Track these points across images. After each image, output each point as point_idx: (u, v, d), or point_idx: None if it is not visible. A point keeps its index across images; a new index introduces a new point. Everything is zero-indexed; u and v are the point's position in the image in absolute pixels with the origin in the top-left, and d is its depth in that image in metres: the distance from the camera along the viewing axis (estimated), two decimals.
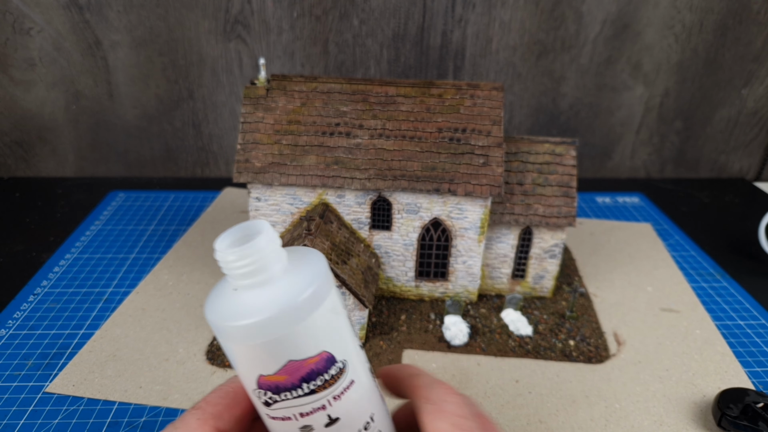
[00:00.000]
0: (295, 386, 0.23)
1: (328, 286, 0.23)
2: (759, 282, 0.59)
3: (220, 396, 0.26)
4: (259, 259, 0.22)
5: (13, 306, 0.52)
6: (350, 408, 0.25)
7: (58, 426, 0.40)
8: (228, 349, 0.23)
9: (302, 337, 0.22)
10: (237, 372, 0.24)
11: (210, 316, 0.23)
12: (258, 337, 0.22)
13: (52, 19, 0.69)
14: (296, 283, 0.23)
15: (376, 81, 0.50)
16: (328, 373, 0.23)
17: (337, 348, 0.24)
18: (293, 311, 0.22)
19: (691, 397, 0.44)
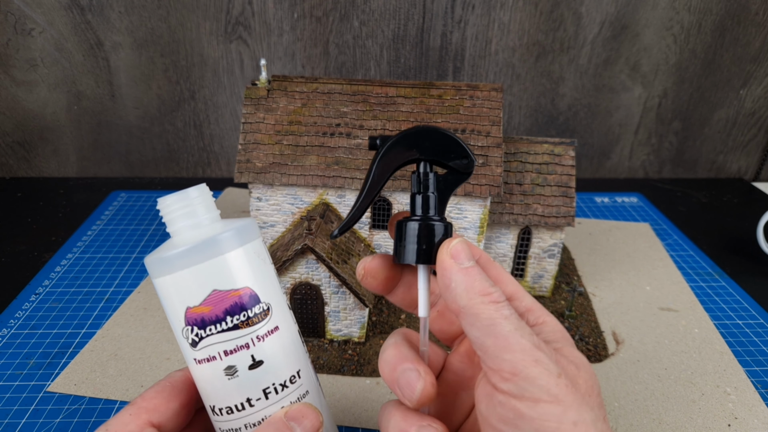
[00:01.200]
0: (220, 319, 0.25)
1: (253, 234, 0.27)
2: (757, 281, 0.59)
3: (156, 391, 0.26)
4: (190, 205, 0.26)
5: (15, 305, 0.53)
6: (274, 354, 0.26)
7: (60, 425, 0.40)
8: (161, 288, 0.25)
9: (225, 268, 0.25)
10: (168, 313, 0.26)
11: (147, 258, 0.26)
12: (185, 264, 0.24)
13: (54, 20, 0.70)
14: (222, 226, 0.26)
15: (376, 82, 0.50)
16: (252, 311, 0.25)
17: (260, 289, 0.26)
18: (215, 242, 0.25)
19: (690, 395, 0.44)
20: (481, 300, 0.23)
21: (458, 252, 0.24)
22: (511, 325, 0.22)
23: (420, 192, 0.26)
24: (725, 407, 0.43)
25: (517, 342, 0.22)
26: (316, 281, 0.47)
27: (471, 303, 0.23)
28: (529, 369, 0.21)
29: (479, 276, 0.23)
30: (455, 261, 0.24)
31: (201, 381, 0.26)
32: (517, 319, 0.22)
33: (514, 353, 0.21)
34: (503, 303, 0.23)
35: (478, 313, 0.23)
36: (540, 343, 0.22)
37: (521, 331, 0.22)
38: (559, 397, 0.21)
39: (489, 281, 0.24)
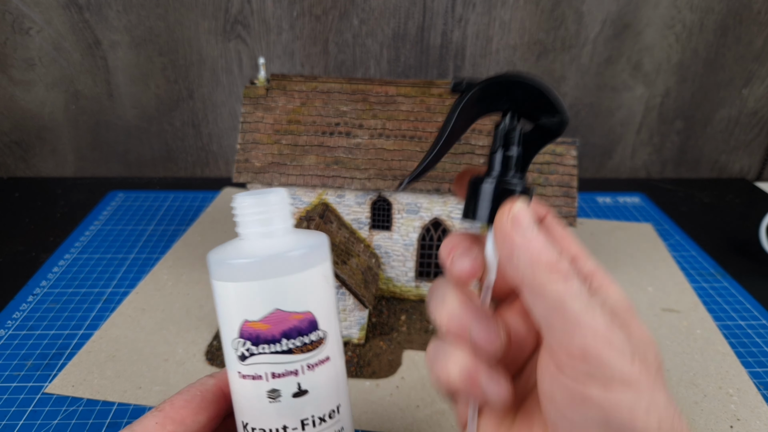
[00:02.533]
0: (275, 339, 0.24)
1: (323, 256, 0.25)
2: (760, 282, 0.59)
3: (186, 400, 0.25)
4: (267, 211, 0.25)
5: (12, 306, 0.52)
6: (321, 385, 0.25)
7: (58, 426, 0.40)
8: (220, 292, 0.24)
9: (293, 289, 0.24)
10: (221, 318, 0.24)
11: (212, 257, 0.24)
12: (252, 276, 0.23)
13: (52, 18, 0.69)
14: (295, 240, 0.25)
15: (376, 81, 0.50)
16: (309, 337, 0.24)
17: (321, 315, 0.25)
18: (287, 260, 0.24)
19: (692, 397, 0.44)
20: (547, 274, 0.20)
21: (520, 219, 0.21)
22: (581, 303, 0.20)
23: (502, 148, 0.23)
24: (728, 408, 0.43)
25: (589, 323, 0.19)
26: None
27: (536, 278, 0.20)
28: (602, 353, 0.19)
29: (544, 245, 0.21)
30: (516, 229, 0.21)
31: (240, 396, 0.25)
32: (587, 295, 0.20)
33: (585, 335, 0.19)
34: (572, 276, 0.20)
35: (544, 290, 0.20)
36: (614, 323, 0.20)
37: (593, 310, 0.20)
38: (633, 381, 0.19)
39: (555, 250, 0.21)
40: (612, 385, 0.19)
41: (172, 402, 0.25)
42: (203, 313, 0.52)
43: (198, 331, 0.50)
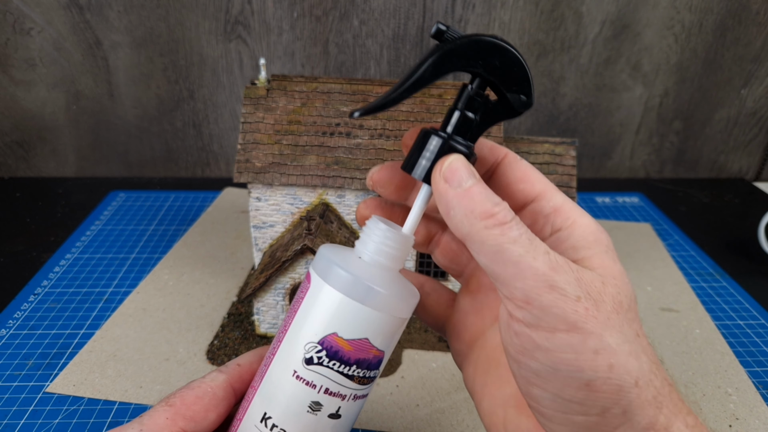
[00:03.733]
0: (349, 362, 0.24)
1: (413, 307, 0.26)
2: (758, 282, 0.59)
3: (197, 396, 0.24)
4: (404, 251, 0.25)
5: (13, 306, 0.52)
6: (351, 416, 0.26)
7: (59, 426, 0.40)
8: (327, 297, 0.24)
9: (387, 329, 0.24)
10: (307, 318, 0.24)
11: (333, 259, 0.24)
12: (368, 301, 0.23)
13: (53, 19, 0.69)
14: (402, 284, 0.25)
15: (376, 81, 0.50)
16: (370, 373, 0.25)
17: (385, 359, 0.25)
18: (399, 302, 0.24)
19: (691, 396, 0.44)
20: (483, 224, 0.20)
21: (452, 172, 0.21)
22: (520, 248, 0.20)
23: (461, 109, 0.23)
24: (726, 408, 0.43)
25: (528, 267, 0.19)
26: None
27: (473, 229, 0.20)
28: (542, 296, 0.19)
29: (479, 196, 0.21)
30: (449, 184, 0.21)
31: (282, 392, 0.24)
32: (528, 239, 0.20)
33: (526, 280, 0.19)
34: (510, 223, 0.20)
35: (482, 240, 0.20)
36: (558, 262, 0.20)
37: (533, 253, 0.20)
38: (578, 324, 0.19)
39: (493, 198, 0.21)
40: (556, 330, 0.19)
41: (182, 397, 0.24)
42: (204, 313, 0.52)
43: (199, 331, 0.50)
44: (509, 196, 0.25)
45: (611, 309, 0.20)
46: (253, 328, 0.50)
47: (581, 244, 0.22)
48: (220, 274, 0.58)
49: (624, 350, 0.19)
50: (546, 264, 0.19)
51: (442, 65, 0.23)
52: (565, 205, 0.23)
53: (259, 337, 0.49)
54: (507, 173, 0.25)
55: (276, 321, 0.49)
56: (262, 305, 0.48)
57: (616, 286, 0.21)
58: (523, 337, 0.20)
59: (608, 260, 0.22)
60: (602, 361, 0.19)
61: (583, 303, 0.19)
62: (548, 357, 0.20)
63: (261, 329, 0.49)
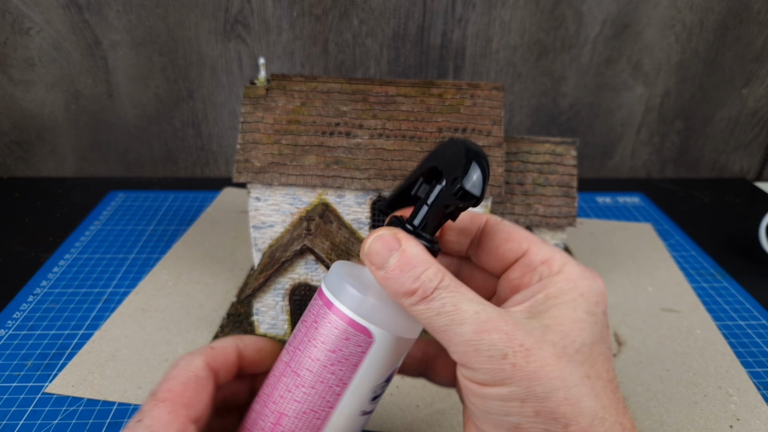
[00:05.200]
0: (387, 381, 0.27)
1: None
2: (759, 282, 0.59)
3: (183, 383, 0.25)
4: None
5: (12, 306, 0.52)
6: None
7: (58, 426, 0.40)
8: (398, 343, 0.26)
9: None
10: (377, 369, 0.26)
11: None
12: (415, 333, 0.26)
13: (52, 18, 0.69)
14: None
15: (376, 81, 0.50)
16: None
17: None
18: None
19: (692, 396, 0.44)
20: (409, 302, 0.22)
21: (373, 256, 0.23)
22: (445, 319, 0.22)
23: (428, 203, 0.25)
24: (727, 408, 0.43)
25: (455, 334, 0.22)
26: (316, 282, 0.46)
27: (403, 306, 0.23)
28: (471, 360, 0.21)
29: (400, 275, 0.22)
30: (374, 266, 0.23)
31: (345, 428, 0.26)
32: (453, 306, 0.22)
33: (456, 346, 0.22)
34: (432, 294, 0.22)
35: (412, 314, 0.23)
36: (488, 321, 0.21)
37: (459, 319, 0.21)
38: (504, 381, 0.21)
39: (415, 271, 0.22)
40: (485, 383, 0.22)
41: (170, 389, 0.24)
42: (203, 313, 0.52)
43: (198, 331, 0.50)
44: (500, 256, 0.27)
45: (549, 355, 0.21)
46: (252, 329, 0.50)
47: (553, 293, 0.24)
48: (220, 274, 0.58)
49: (556, 397, 0.21)
50: (471, 328, 0.21)
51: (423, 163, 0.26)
52: (553, 255, 0.25)
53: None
54: (493, 237, 0.27)
55: (275, 321, 0.49)
56: (262, 306, 0.48)
57: (561, 332, 0.22)
58: (462, 384, 0.23)
59: (566, 309, 0.23)
60: (529, 409, 0.21)
61: (509, 359, 0.21)
62: (482, 403, 0.22)
63: (260, 329, 0.49)
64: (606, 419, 0.21)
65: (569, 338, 0.22)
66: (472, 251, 0.28)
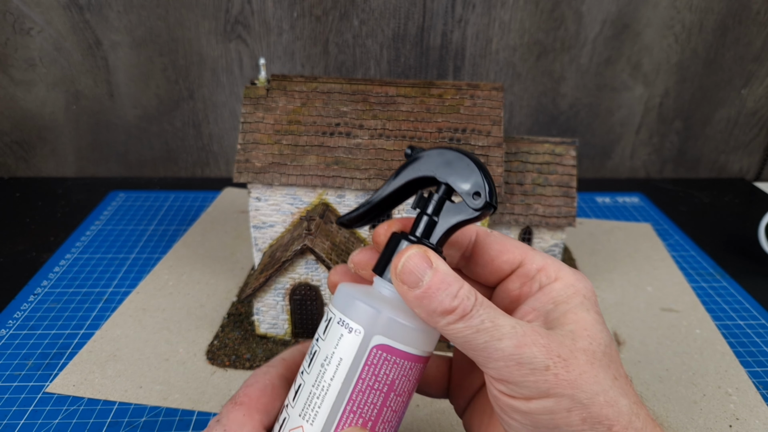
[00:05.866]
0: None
1: None
2: (759, 282, 0.59)
3: (261, 389, 0.26)
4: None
5: (13, 306, 0.52)
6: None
7: (59, 426, 0.40)
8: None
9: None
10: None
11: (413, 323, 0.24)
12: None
13: (53, 19, 0.69)
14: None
15: (376, 81, 0.50)
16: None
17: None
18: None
19: (691, 396, 0.44)
20: (446, 321, 0.22)
21: (407, 274, 0.22)
22: (485, 336, 0.21)
23: (430, 214, 0.24)
24: (727, 408, 0.43)
25: (495, 350, 0.21)
26: (316, 282, 0.46)
27: (438, 326, 0.22)
28: (513, 374, 0.21)
29: (438, 293, 0.22)
30: (408, 286, 0.22)
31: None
32: (491, 322, 0.21)
33: (496, 362, 0.21)
34: (471, 312, 0.22)
35: (448, 334, 0.22)
36: (525, 335, 0.21)
37: (498, 335, 0.21)
38: (549, 392, 0.21)
39: (452, 290, 0.22)
40: (531, 398, 0.21)
41: (248, 395, 0.26)
42: (204, 313, 0.52)
43: (199, 331, 0.50)
44: (496, 268, 0.27)
45: (584, 362, 0.22)
46: (253, 329, 0.50)
47: (560, 299, 0.24)
48: (220, 274, 0.58)
49: (598, 401, 0.21)
50: (512, 343, 0.21)
51: (405, 174, 0.25)
52: (546, 263, 0.26)
53: (259, 337, 0.49)
54: (486, 250, 0.27)
55: (276, 321, 0.49)
56: (262, 305, 0.48)
57: (588, 337, 0.23)
58: (502, 401, 0.23)
59: (582, 312, 0.23)
60: (575, 417, 0.21)
61: (552, 370, 0.21)
62: (526, 418, 0.22)
63: (261, 329, 0.49)
64: (639, 414, 0.22)
65: (596, 342, 0.23)
66: (464, 264, 0.28)
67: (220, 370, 0.46)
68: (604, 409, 0.21)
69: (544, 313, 0.24)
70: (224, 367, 0.46)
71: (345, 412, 0.23)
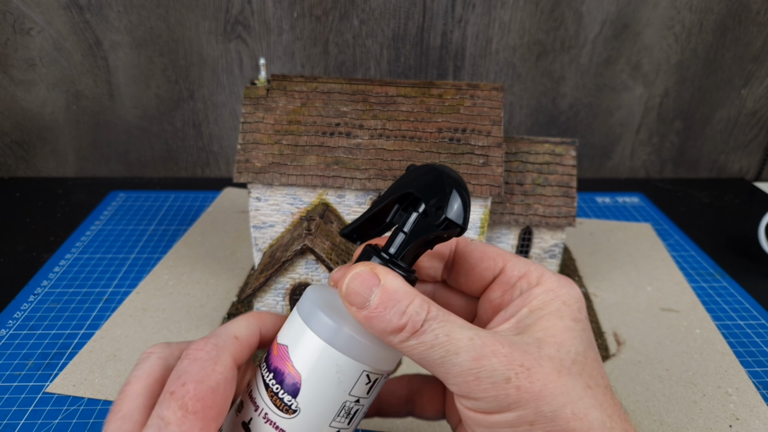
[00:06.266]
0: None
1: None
2: (759, 282, 0.59)
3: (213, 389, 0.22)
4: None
5: (13, 306, 0.52)
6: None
7: (59, 426, 0.40)
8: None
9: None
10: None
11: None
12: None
13: (53, 19, 0.69)
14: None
15: (376, 81, 0.50)
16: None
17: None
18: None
19: (691, 396, 0.44)
20: (398, 339, 0.21)
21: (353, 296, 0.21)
22: (440, 351, 0.21)
23: (397, 225, 0.24)
24: (727, 408, 0.43)
25: (453, 365, 0.20)
26: (316, 282, 0.46)
27: (393, 345, 0.21)
28: (472, 389, 0.20)
29: (384, 312, 0.21)
30: (356, 308, 0.21)
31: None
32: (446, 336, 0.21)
33: (455, 377, 0.21)
34: (423, 327, 0.21)
35: (403, 352, 0.21)
36: (484, 346, 0.21)
37: (455, 349, 0.20)
38: (510, 406, 0.20)
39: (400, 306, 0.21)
40: (491, 411, 0.21)
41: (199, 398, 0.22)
42: (204, 313, 0.52)
43: (199, 331, 0.50)
44: (477, 276, 0.26)
45: (550, 371, 0.21)
46: None
47: (536, 305, 0.23)
48: (220, 274, 0.58)
49: (564, 414, 0.20)
50: (469, 356, 0.20)
51: (394, 190, 0.25)
52: (529, 269, 0.25)
53: None
54: (467, 258, 0.26)
55: None
56: (262, 305, 0.48)
57: (555, 344, 0.22)
58: (466, 415, 0.22)
59: (554, 319, 0.23)
60: (538, 430, 0.20)
61: (513, 382, 0.20)
62: (491, 430, 0.21)
63: None
64: (614, 428, 0.21)
65: (564, 349, 0.22)
66: (446, 274, 0.27)
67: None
68: (571, 422, 0.20)
69: (518, 320, 0.23)
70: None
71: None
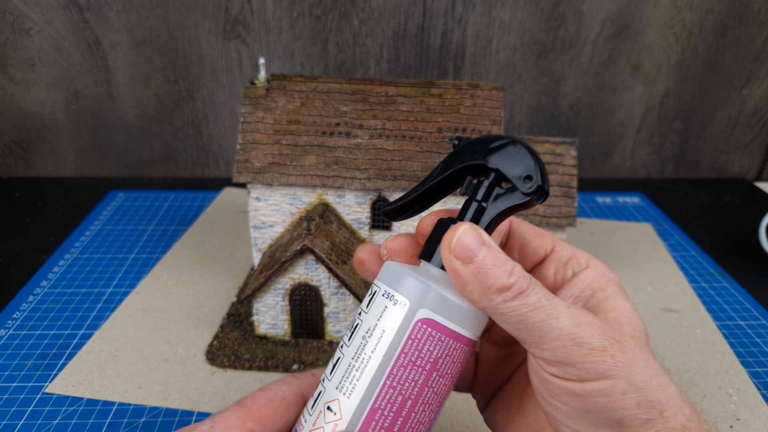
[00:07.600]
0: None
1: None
2: (759, 282, 0.59)
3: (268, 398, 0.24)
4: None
5: (12, 306, 0.52)
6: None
7: (58, 426, 0.40)
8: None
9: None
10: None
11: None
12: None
13: (52, 19, 0.69)
14: None
15: (376, 81, 0.50)
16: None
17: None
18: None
19: (692, 396, 0.44)
20: (502, 298, 0.21)
21: (462, 249, 0.21)
22: (542, 314, 0.20)
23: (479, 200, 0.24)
24: (727, 408, 0.43)
25: (552, 329, 0.20)
26: (316, 282, 0.46)
27: (491, 304, 0.21)
28: (571, 354, 0.20)
29: (493, 269, 0.21)
30: (461, 261, 0.21)
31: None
32: (547, 300, 0.21)
33: (552, 341, 0.20)
34: (528, 290, 0.21)
35: (503, 313, 0.21)
36: (580, 316, 0.21)
37: (555, 314, 0.21)
38: (607, 373, 0.20)
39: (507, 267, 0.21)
40: (587, 380, 0.21)
41: (253, 399, 0.24)
42: (203, 313, 0.52)
43: (198, 331, 0.50)
44: (531, 252, 0.26)
45: (634, 347, 0.21)
46: (252, 329, 0.50)
47: (597, 286, 0.24)
48: (220, 274, 0.58)
49: (651, 385, 0.21)
50: (569, 322, 0.21)
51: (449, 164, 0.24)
52: (575, 252, 0.26)
53: (259, 337, 0.49)
54: (520, 233, 0.27)
55: (275, 321, 0.49)
56: (262, 305, 0.48)
57: (630, 324, 0.22)
58: (553, 385, 0.21)
59: (621, 300, 0.23)
60: (630, 400, 0.20)
61: (609, 351, 0.20)
62: (580, 402, 0.21)
63: (260, 330, 0.49)
64: (686, 400, 0.22)
65: (638, 328, 0.22)
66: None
67: (220, 370, 0.46)
68: (658, 392, 0.21)
69: (583, 299, 0.24)
70: (224, 368, 0.46)
71: (384, 386, 0.22)
